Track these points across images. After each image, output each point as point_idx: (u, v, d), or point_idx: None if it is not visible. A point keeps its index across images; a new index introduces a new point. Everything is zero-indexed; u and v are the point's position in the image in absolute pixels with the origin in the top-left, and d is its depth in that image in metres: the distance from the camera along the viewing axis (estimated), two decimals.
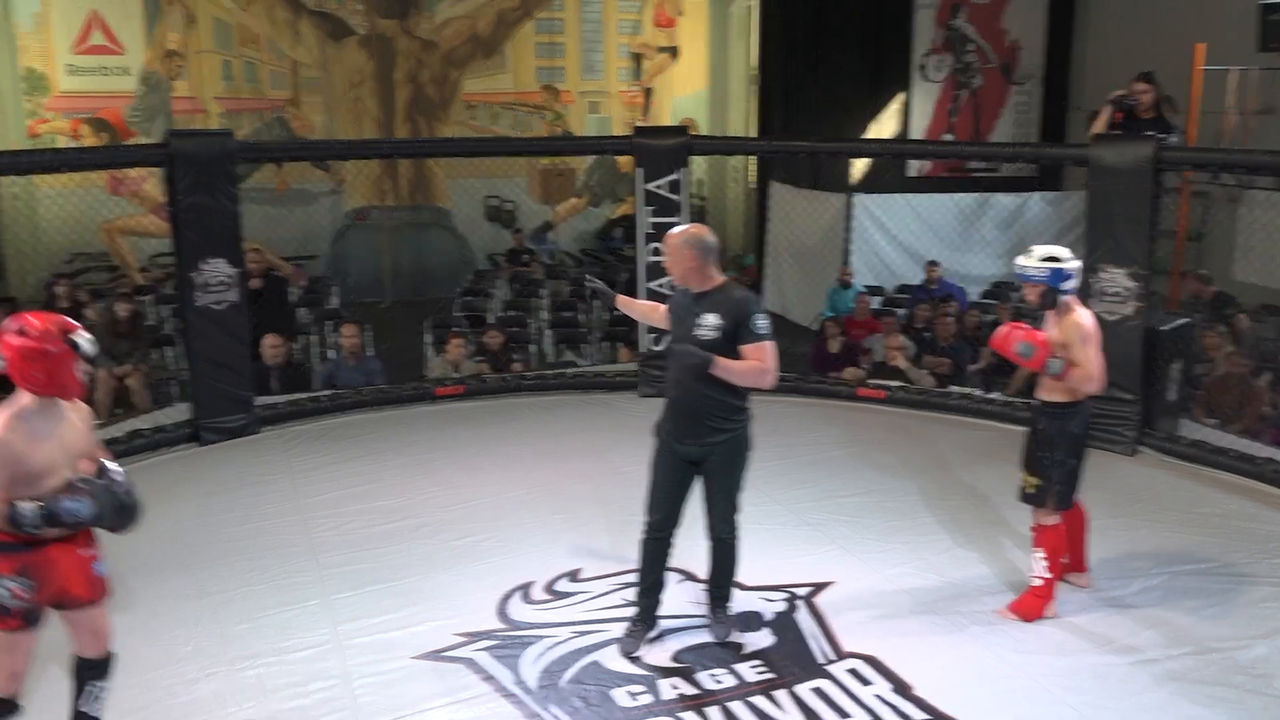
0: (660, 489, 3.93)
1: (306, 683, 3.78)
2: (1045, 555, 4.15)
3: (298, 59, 13.01)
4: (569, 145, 10.72)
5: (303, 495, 5.53)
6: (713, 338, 3.69)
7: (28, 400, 2.99)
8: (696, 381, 3.71)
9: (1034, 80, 12.64)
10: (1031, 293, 4.12)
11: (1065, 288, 4.07)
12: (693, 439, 3.81)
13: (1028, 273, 4.09)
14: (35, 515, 2.93)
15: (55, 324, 2.99)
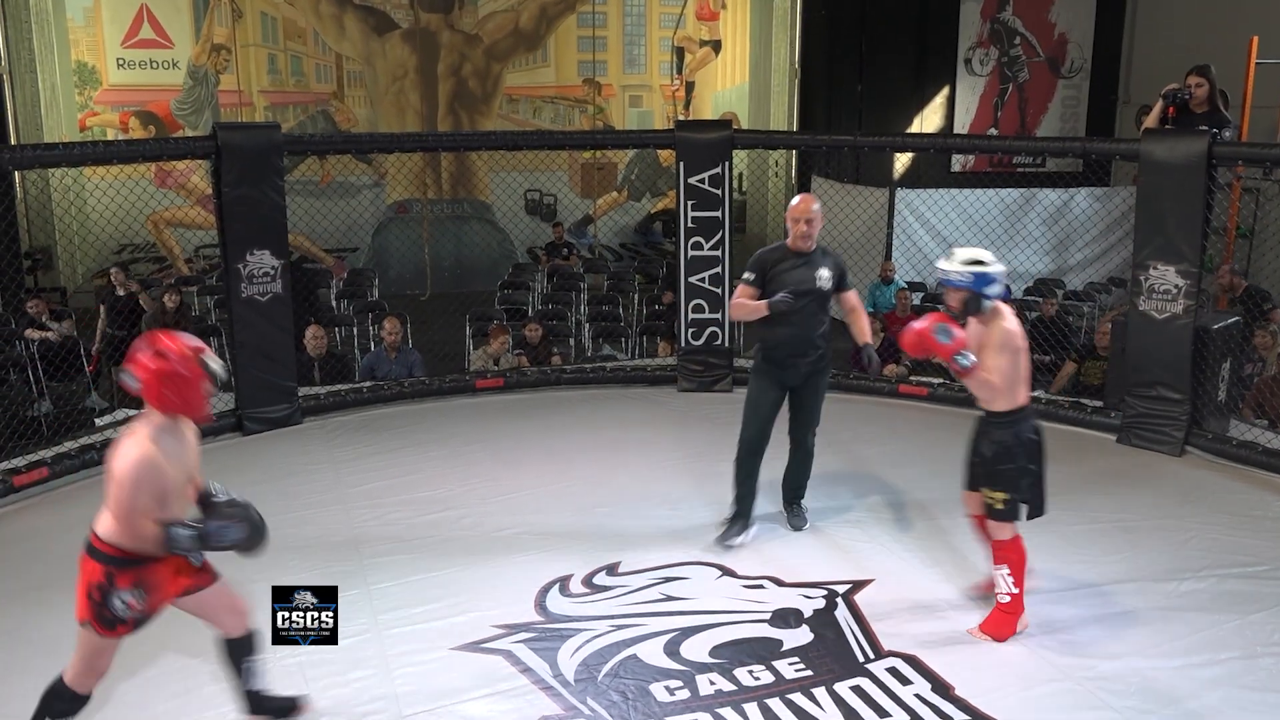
0: (760, 413, 4.81)
1: (346, 671, 3.81)
2: (1010, 570, 3.97)
3: (342, 53, 13.14)
4: (610, 139, 10.71)
5: (345, 485, 5.58)
6: (827, 286, 4.78)
7: (159, 419, 3.03)
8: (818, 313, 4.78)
9: (1082, 74, 12.49)
10: (954, 298, 3.90)
11: (989, 292, 3.87)
12: (803, 356, 4.77)
13: (949, 278, 3.88)
14: (190, 539, 3.01)
15: (189, 346, 3.05)
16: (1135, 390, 6.08)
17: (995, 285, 3.90)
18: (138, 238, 11.79)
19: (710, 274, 7.09)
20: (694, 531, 4.93)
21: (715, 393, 7.13)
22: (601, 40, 13.83)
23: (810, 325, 4.76)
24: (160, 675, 3.83)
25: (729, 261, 7.12)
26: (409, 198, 13.10)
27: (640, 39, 13.93)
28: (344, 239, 12.16)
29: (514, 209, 13.14)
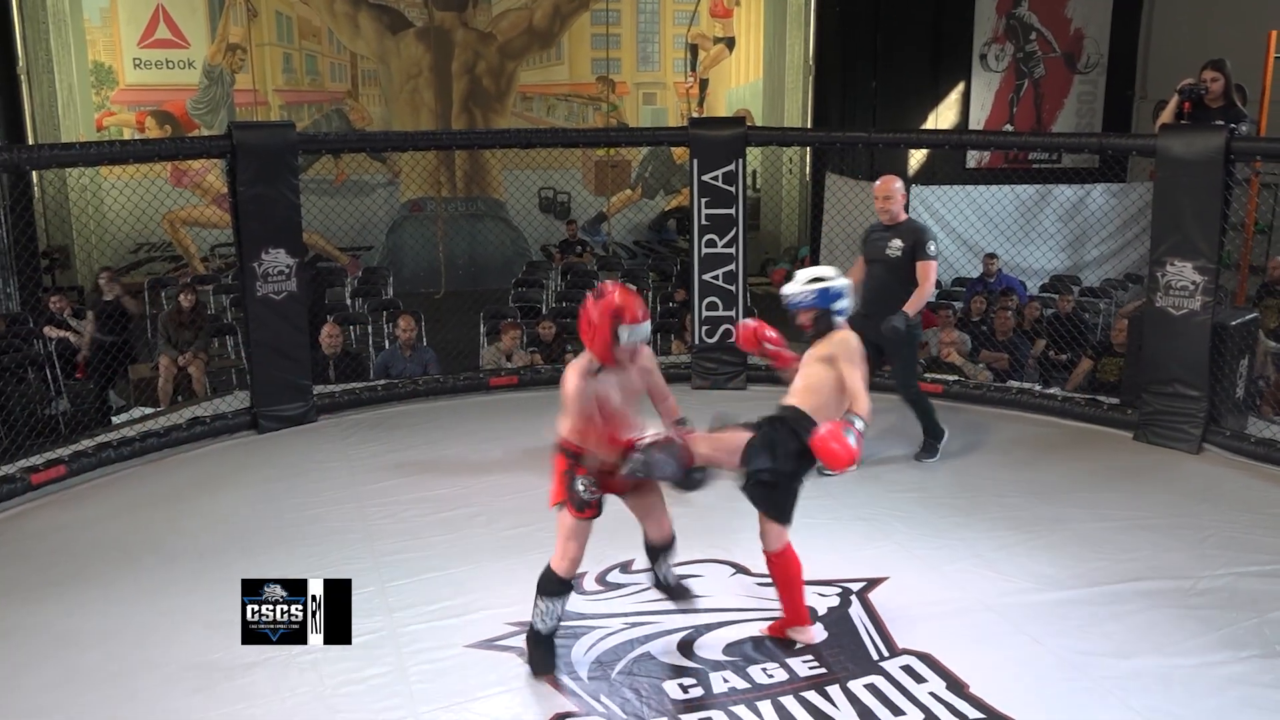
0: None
1: (361, 669, 3.82)
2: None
3: (357, 52, 13.17)
4: (624, 137, 10.72)
5: (360, 483, 5.60)
6: (899, 255, 5.55)
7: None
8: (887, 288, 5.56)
9: (1098, 69, 12.42)
10: (804, 318, 3.86)
11: (837, 308, 3.84)
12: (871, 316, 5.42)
13: (795, 300, 3.85)
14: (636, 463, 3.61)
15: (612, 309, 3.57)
16: (1152, 387, 6.04)
17: (842, 300, 3.87)
18: (154, 237, 11.85)
19: (724, 271, 7.08)
20: (708, 529, 4.91)
21: (729, 390, 7.12)
22: (615, 38, 13.83)
23: (877, 289, 5.61)
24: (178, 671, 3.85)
25: (743, 259, 7.11)
26: (423, 196, 13.12)
27: (654, 36, 13.92)
28: (359, 237, 12.19)
29: (528, 207, 13.15)
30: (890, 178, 5.76)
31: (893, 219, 5.66)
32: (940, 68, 12.22)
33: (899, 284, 5.56)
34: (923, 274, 5.54)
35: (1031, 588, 4.38)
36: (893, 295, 5.54)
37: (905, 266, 5.56)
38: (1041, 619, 4.12)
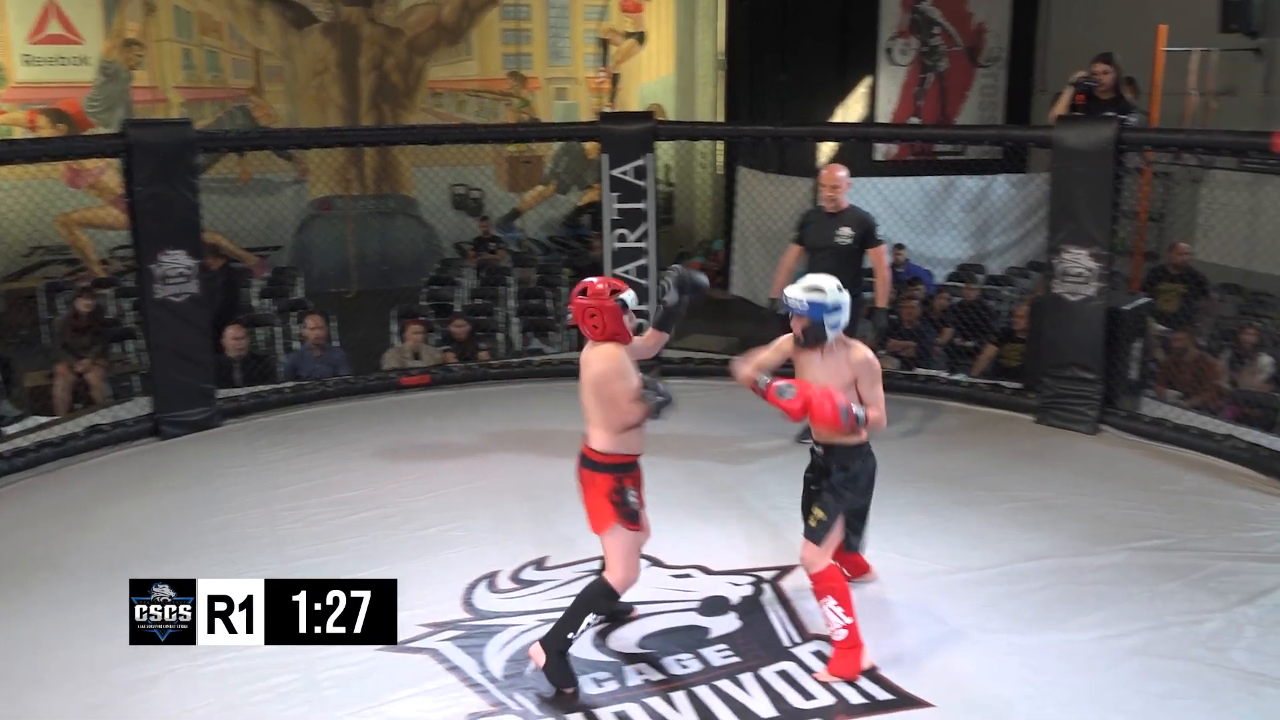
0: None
1: (269, 676, 3.74)
2: (836, 601, 3.72)
3: (260, 47, 12.87)
4: (534, 132, 10.67)
5: (268, 487, 5.48)
6: (849, 242, 5.62)
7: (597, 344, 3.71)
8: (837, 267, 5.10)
9: (999, 63, 12.70)
10: (796, 325, 3.81)
11: (830, 322, 3.74)
12: None
13: (789, 303, 3.82)
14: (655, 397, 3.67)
15: (607, 284, 3.70)
16: (1051, 371, 6.22)
17: (835, 315, 3.76)
18: (49, 240, 11.43)
19: (637, 266, 7.10)
20: None
21: None
22: (525, 33, 13.74)
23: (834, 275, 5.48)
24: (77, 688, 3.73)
25: (655, 253, 7.13)
26: (332, 194, 12.88)
27: (564, 31, 13.87)
28: (265, 237, 11.92)
29: (440, 204, 13.00)
30: (836, 166, 5.83)
31: (837, 206, 5.73)
32: (847, 62, 12.38)
33: (850, 270, 5.57)
34: (879, 259, 5.71)
35: (939, 570, 4.48)
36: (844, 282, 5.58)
37: (856, 253, 5.65)
38: (948, 600, 4.22)
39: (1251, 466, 5.51)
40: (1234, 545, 4.70)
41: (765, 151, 11.87)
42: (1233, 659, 3.81)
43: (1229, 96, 9.97)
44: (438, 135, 7.33)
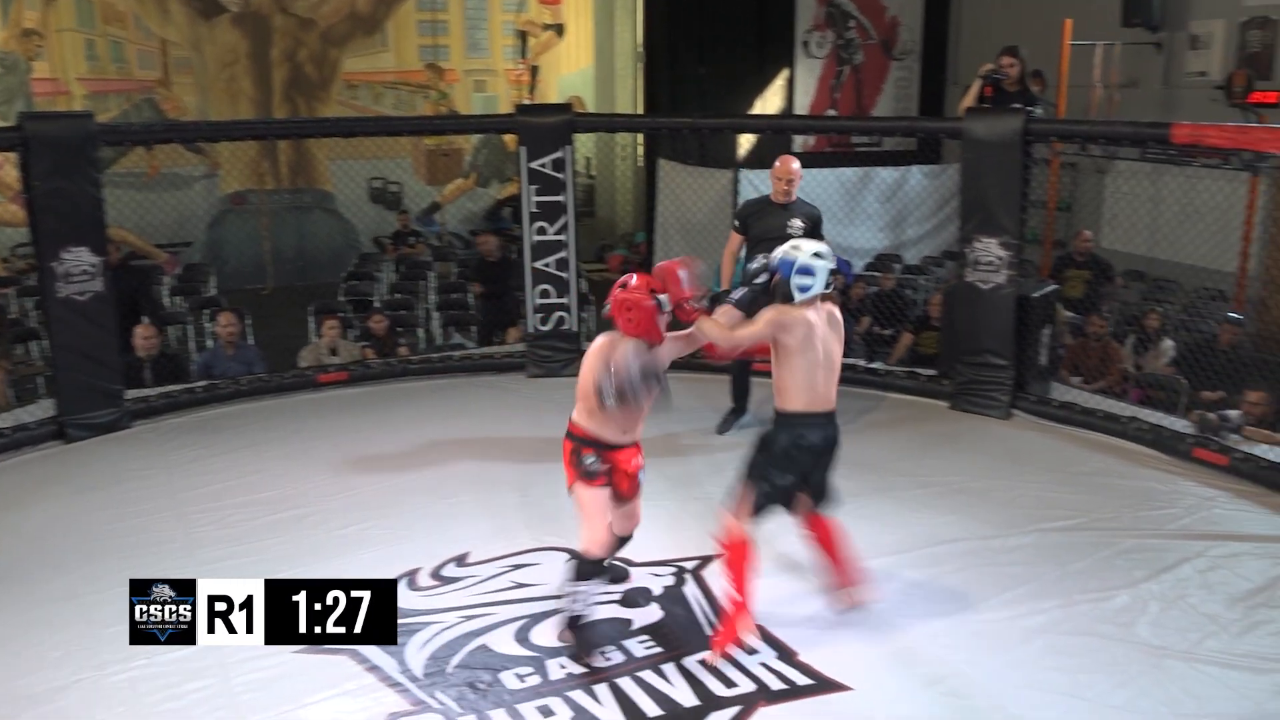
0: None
1: (182, 684, 3.66)
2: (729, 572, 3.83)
3: (167, 38, 12.51)
4: (450, 124, 10.55)
5: (180, 490, 5.35)
6: (798, 233, 5.56)
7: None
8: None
9: (913, 56, 12.92)
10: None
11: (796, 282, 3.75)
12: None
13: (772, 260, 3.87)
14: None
15: (646, 282, 3.76)
16: (965, 358, 6.36)
17: (803, 277, 3.74)
18: None
19: (556, 258, 7.06)
20: (544, 518, 4.92)
21: (564, 378, 7.11)
22: (442, 24, 13.58)
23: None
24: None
25: (575, 245, 7.11)
26: (246, 189, 12.59)
27: (482, 22, 13.74)
28: (176, 233, 11.62)
29: (357, 198, 12.79)
30: (791, 158, 5.80)
31: (788, 198, 5.74)
32: (765, 54, 12.48)
33: None
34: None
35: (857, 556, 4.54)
36: None
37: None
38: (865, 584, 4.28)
39: (1155, 447, 5.70)
40: (1139, 524, 4.86)
41: (685, 143, 11.91)
42: (1137, 633, 3.94)
43: (1131, 89, 10.29)
44: (352, 128, 7.22)
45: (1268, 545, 4.64)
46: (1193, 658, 3.77)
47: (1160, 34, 10.15)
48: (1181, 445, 5.59)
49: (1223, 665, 3.72)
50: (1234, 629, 3.96)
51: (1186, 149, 6.57)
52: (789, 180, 5.71)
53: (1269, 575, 4.36)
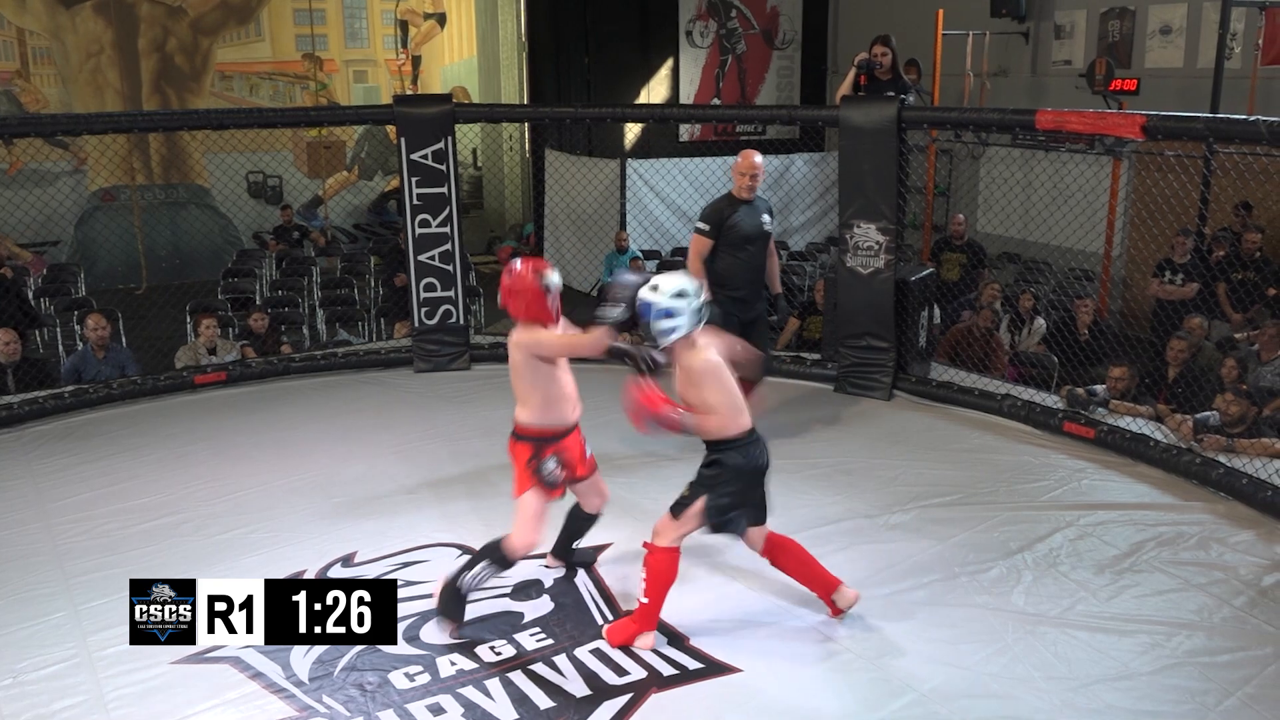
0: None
1: (50, 703, 3.50)
2: (649, 579, 3.76)
3: (24, 26, 11.90)
4: (327, 116, 10.29)
5: (46, 500, 5.11)
6: (771, 229, 5.59)
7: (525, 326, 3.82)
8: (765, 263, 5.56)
9: (794, 45, 13.13)
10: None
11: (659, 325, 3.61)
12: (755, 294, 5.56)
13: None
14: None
15: (530, 266, 3.81)
16: (847, 342, 6.50)
17: (665, 320, 3.60)
18: None
19: (440, 251, 6.96)
20: (433, 514, 4.86)
21: (452, 371, 7.04)
22: (320, 13, 13.23)
23: (759, 267, 5.53)
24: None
25: (459, 238, 7.02)
26: (115, 184, 12.08)
27: (361, 12, 13.44)
28: (41, 232, 11.07)
29: (235, 192, 12.39)
30: (752, 151, 5.51)
31: (752, 194, 5.50)
32: (649, 44, 12.53)
33: (766, 260, 5.58)
34: (773, 249, 5.66)
35: None
36: (763, 271, 5.58)
37: (768, 242, 5.59)
38: (753, 568, 4.31)
39: (1029, 423, 5.92)
40: (1014, 497, 5.04)
41: (573, 134, 11.88)
42: (1012, 602, 4.09)
43: (1001, 77, 10.65)
44: (225, 120, 6.97)
45: (1132, 513, 4.87)
46: (1064, 623, 3.93)
47: (1027, 24, 10.52)
48: (1053, 420, 5.81)
49: (1092, 629, 3.89)
50: (1102, 594, 4.14)
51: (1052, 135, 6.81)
52: (754, 175, 5.42)
53: (1133, 541, 4.57)
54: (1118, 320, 8.54)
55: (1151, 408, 5.81)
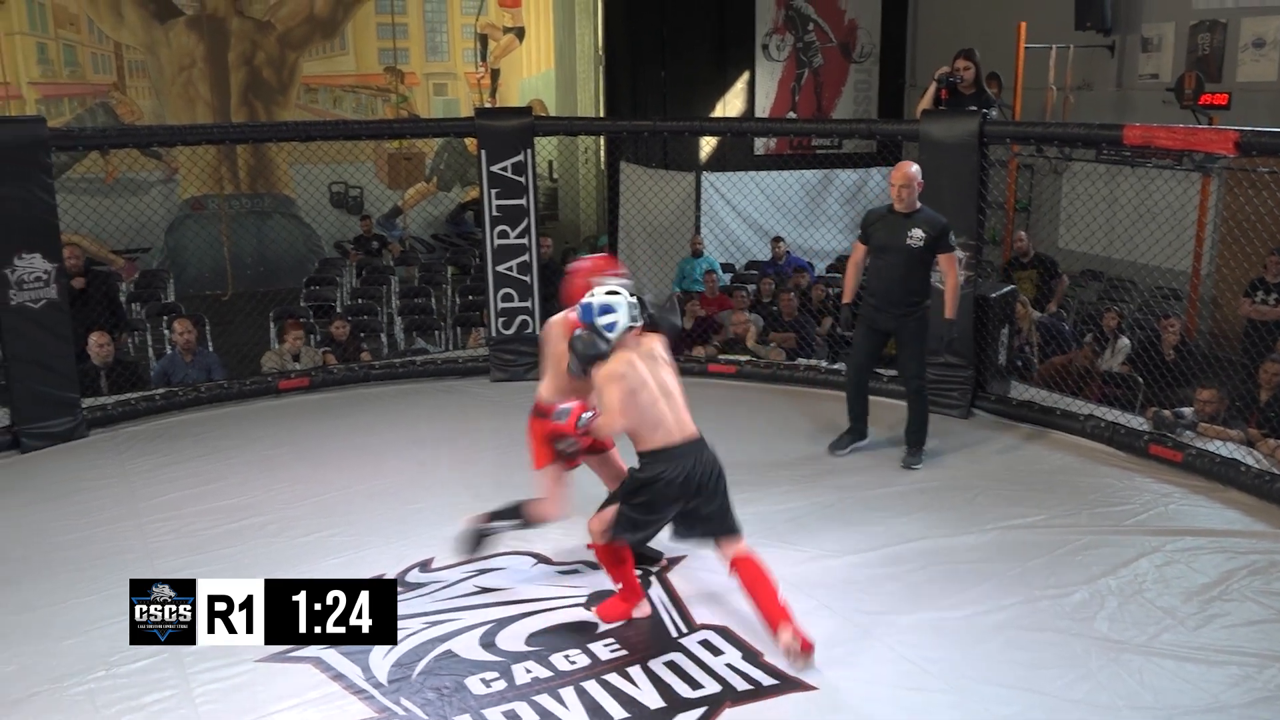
0: (856, 348, 5.77)
1: (141, 695, 3.61)
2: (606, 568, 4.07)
3: (121, 41, 12.35)
4: (410, 128, 10.49)
5: (138, 499, 5.28)
6: (920, 245, 5.39)
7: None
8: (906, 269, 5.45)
9: (872, 58, 13.04)
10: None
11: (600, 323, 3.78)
12: (890, 307, 5.50)
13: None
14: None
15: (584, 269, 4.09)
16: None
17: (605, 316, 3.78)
18: None
19: (518, 262, 7.05)
20: None
21: (528, 381, 7.09)
22: (402, 27, 13.52)
23: (896, 279, 5.46)
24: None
25: (536, 249, 7.10)
26: (204, 194, 12.46)
27: (442, 26, 13.69)
28: (134, 239, 11.45)
29: (319, 202, 12.70)
30: (907, 163, 5.51)
31: (909, 206, 5.44)
32: (726, 58, 12.56)
33: (917, 274, 5.48)
34: (950, 267, 5.47)
35: (820, 555, 4.57)
36: (909, 286, 5.46)
37: (925, 256, 5.43)
38: (829, 584, 4.32)
39: (1112, 445, 5.78)
40: (1097, 520, 4.92)
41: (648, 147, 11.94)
42: (1096, 628, 3.99)
43: (1085, 91, 10.45)
44: (311, 132, 7.15)
45: (1222, 539, 4.72)
46: (1150, 651, 3.83)
47: (1112, 37, 10.31)
48: (1138, 442, 5.67)
49: (1179, 658, 3.78)
50: (1190, 623, 4.02)
51: (1138, 150, 6.67)
52: (901, 185, 5.37)
53: (1223, 569, 4.43)
54: (1206, 341, 8.30)
55: (1242, 432, 5.64)
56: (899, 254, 5.43)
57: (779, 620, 3.73)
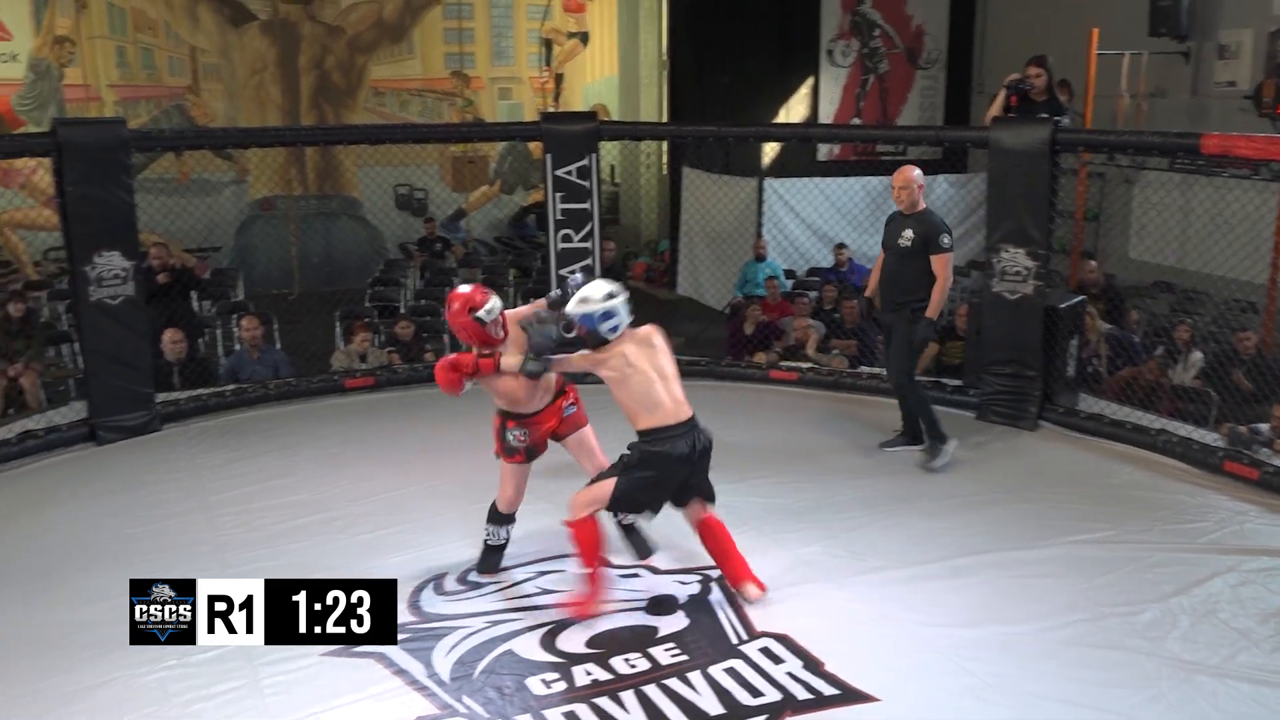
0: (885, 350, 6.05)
1: (211, 685, 3.69)
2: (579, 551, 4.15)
3: (196, 45, 12.65)
4: (476, 131, 10.61)
5: (208, 492, 5.40)
6: (909, 245, 5.50)
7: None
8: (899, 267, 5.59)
9: (938, 65, 12.90)
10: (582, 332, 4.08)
11: (599, 328, 4.01)
12: (887, 304, 5.70)
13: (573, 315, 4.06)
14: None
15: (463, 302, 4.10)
16: (991, 369, 6.33)
17: (608, 321, 4.02)
18: None
19: (581, 266, 7.08)
20: None
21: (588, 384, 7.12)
22: (469, 32, 13.66)
23: (889, 277, 5.68)
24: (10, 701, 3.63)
25: (600, 253, 7.13)
26: (274, 194, 12.70)
27: (508, 31, 13.82)
28: (206, 238, 11.73)
29: (384, 204, 12.88)
30: (908, 166, 5.66)
31: (911, 208, 5.56)
32: (789, 63, 12.49)
33: (909, 274, 5.54)
34: (938, 269, 5.48)
35: (882, 565, 4.53)
36: (901, 284, 5.58)
37: (916, 257, 5.50)
38: (892, 595, 4.28)
39: (1184, 460, 5.65)
40: (1168, 537, 4.81)
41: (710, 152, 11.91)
42: (1167, 648, 3.90)
43: (1159, 98, 10.23)
44: (379, 135, 7.27)
45: None
46: (1224, 673, 3.73)
47: (1188, 43, 10.08)
48: (1212, 459, 5.53)
49: (1255, 681, 3.68)
50: (1266, 645, 3.91)
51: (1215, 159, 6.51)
52: (900, 187, 5.55)
53: None
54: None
55: None
56: (893, 253, 5.63)
57: (744, 576, 4.17)
